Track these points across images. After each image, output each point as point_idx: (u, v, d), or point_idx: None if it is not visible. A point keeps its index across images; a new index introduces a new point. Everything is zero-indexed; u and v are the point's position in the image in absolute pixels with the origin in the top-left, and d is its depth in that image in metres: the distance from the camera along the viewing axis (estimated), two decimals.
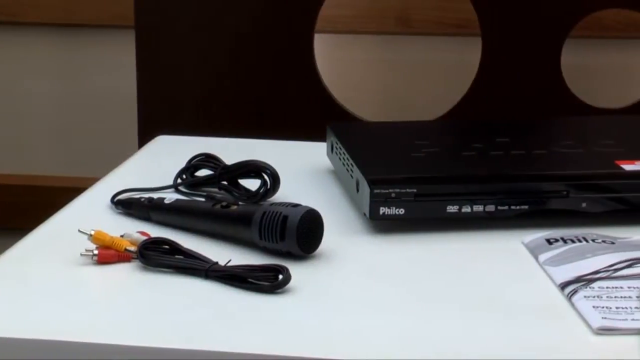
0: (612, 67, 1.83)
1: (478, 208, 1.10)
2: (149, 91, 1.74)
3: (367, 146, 1.23)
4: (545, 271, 1.02)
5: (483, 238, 1.10)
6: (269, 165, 1.17)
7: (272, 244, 1.02)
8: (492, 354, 0.86)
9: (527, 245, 1.08)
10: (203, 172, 1.24)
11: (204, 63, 1.72)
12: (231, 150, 1.27)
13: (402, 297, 0.97)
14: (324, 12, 1.68)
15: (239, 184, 1.20)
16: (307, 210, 1.03)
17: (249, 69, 1.71)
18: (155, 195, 1.16)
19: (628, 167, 1.14)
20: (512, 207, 1.11)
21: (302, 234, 1.01)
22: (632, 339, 0.88)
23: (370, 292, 0.98)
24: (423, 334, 0.89)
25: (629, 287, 0.97)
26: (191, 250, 1.01)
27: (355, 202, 1.16)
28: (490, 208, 1.10)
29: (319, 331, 0.89)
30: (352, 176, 1.16)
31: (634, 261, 1.02)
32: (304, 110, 1.71)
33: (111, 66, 2.02)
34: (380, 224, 1.12)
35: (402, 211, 1.09)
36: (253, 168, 1.18)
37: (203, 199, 1.18)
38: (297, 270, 0.98)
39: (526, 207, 1.11)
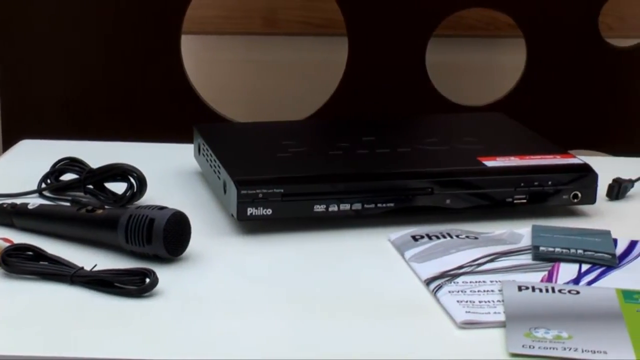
0: (475, 65, 1.87)
1: (345, 207, 1.11)
2: (11, 94, 1.70)
3: (234, 147, 1.23)
4: (411, 267, 1.03)
5: (350, 236, 1.11)
6: (135, 168, 1.16)
7: (138, 247, 1.01)
8: (360, 352, 0.87)
9: (393, 243, 1.09)
10: (68, 176, 1.22)
11: (68, 65, 1.69)
12: (97, 153, 1.26)
13: (271, 298, 0.97)
14: (191, 13, 1.67)
15: (105, 187, 1.18)
16: (174, 213, 1.02)
17: (116, 70, 1.69)
18: (18, 201, 1.14)
19: (489, 163, 1.17)
20: (379, 205, 1.12)
21: (168, 237, 1.01)
22: (495, 332, 0.90)
23: (238, 294, 0.98)
24: (290, 335, 0.90)
25: (491, 281, 0.99)
26: (56, 256, 0.99)
27: (222, 204, 1.16)
28: (357, 206, 1.12)
29: (187, 334, 0.89)
30: (219, 177, 1.16)
31: (496, 255, 1.05)
32: (172, 112, 1.70)
33: None
34: (248, 225, 1.12)
35: (269, 211, 1.09)
36: (119, 171, 1.17)
37: (68, 204, 1.16)
38: (165, 273, 0.97)
39: (392, 204, 1.13)
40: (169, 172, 1.30)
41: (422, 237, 1.09)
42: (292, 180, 1.11)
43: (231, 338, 0.89)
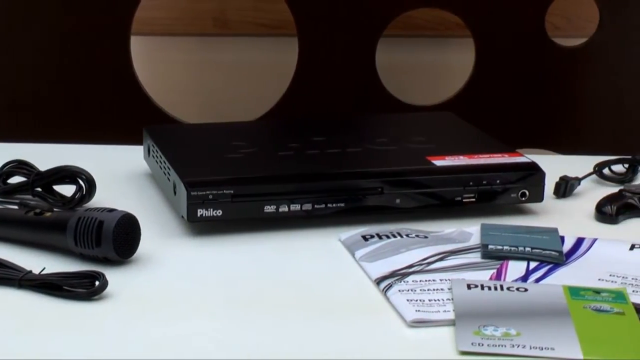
0: (424, 65, 1.88)
1: (295, 207, 1.12)
2: None
3: (184, 148, 1.23)
4: (361, 267, 1.04)
5: (301, 237, 1.11)
6: (84, 171, 1.16)
7: (88, 250, 1.01)
8: (310, 352, 0.87)
9: (343, 242, 1.10)
10: (16, 179, 1.21)
11: (16, 66, 1.68)
12: (45, 156, 1.25)
13: (221, 299, 0.97)
14: (140, 14, 1.66)
15: (53, 190, 1.17)
16: (123, 215, 1.02)
17: (65, 72, 1.68)
18: None
19: (439, 162, 1.18)
20: (329, 205, 1.13)
21: (118, 239, 1.00)
22: (444, 330, 0.91)
23: (188, 295, 0.98)
24: (241, 336, 0.90)
25: (441, 280, 1.00)
26: (3, 259, 0.99)
27: (173, 205, 1.16)
28: (308, 207, 1.12)
29: (137, 336, 0.89)
30: (169, 179, 1.15)
31: (446, 254, 1.06)
32: (122, 114, 1.69)
33: None
34: (199, 226, 1.12)
35: (219, 212, 1.09)
36: (68, 173, 1.16)
37: (16, 207, 1.15)
38: (115, 276, 0.97)
39: (342, 204, 1.13)
40: (119, 174, 1.29)
41: (372, 236, 1.10)
42: (242, 181, 1.11)
43: (181, 340, 0.89)
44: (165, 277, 1.01)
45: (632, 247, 1.08)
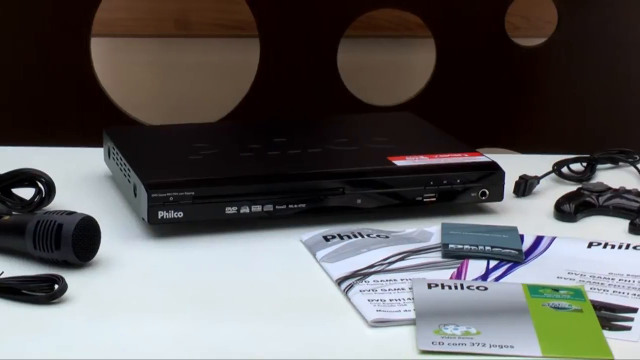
0: (385, 65, 1.88)
1: (257, 208, 1.11)
2: None
3: (145, 150, 1.23)
4: (322, 268, 1.04)
5: (263, 238, 1.11)
6: (43, 173, 1.15)
7: (47, 253, 1.00)
8: (272, 352, 0.87)
9: (305, 243, 1.10)
10: None
11: None
12: (4, 158, 1.24)
13: (182, 301, 0.97)
14: (101, 15, 1.65)
15: (12, 193, 1.17)
16: (83, 218, 1.01)
17: (24, 73, 1.67)
18: None
19: (399, 162, 1.18)
20: (290, 206, 1.13)
21: (77, 242, 1.00)
22: (405, 329, 0.91)
23: (149, 297, 0.97)
24: (201, 337, 0.90)
25: (401, 280, 1.00)
26: None
27: (133, 207, 1.15)
28: (269, 208, 1.12)
29: (98, 340, 0.88)
30: (129, 181, 1.15)
31: (407, 254, 1.06)
32: (83, 116, 1.68)
33: None
34: (160, 228, 1.12)
35: (180, 214, 1.09)
36: (27, 176, 1.15)
37: None
38: (74, 279, 0.96)
39: (304, 205, 1.13)
40: (79, 177, 1.28)
41: (333, 237, 1.10)
42: (204, 182, 1.11)
43: (142, 342, 0.88)
44: (125, 279, 1.01)
45: (590, 244, 1.09)
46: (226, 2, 1.83)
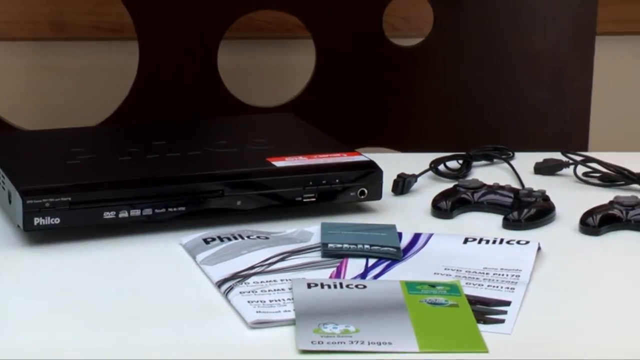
0: (266, 66, 1.88)
1: (135, 212, 1.11)
2: None
3: (20, 156, 1.20)
4: (202, 270, 1.04)
5: (142, 242, 1.10)
6: None
7: None
8: (151, 355, 0.87)
9: (185, 246, 1.09)
10: None
11: None
12: None
13: (61, 309, 0.95)
14: None
15: None
16: None
17: None
18: None
19: (278, 163, 1.18)
20: (170, 210, 1.12)
21: None
22: (285, 330, 0.92)
23: (27, 306, 0.96)
24: (80, 344, 0.89)
25: (282, 280, 1.01)
26: None
27: (8, 214, 1.13)
28: (148, 212, 1.11)
29: None
30: (3, 188, 1.13)
31: (287, 254, 1.07)
32: None
33: None
34: (36, 235, 1.10)
35: (57, 220, 1.07)
36: None
37: None
38: None
39: (183, 208, 1.13)
40: None
41: (213, 239, 1.10)
42: (80, 187, 1.09)
43: (20, 353, 0.87)
44: (1, 288, 0.99)
45: (466, 240, 1.11)
46: (103, 3, 1.81)
